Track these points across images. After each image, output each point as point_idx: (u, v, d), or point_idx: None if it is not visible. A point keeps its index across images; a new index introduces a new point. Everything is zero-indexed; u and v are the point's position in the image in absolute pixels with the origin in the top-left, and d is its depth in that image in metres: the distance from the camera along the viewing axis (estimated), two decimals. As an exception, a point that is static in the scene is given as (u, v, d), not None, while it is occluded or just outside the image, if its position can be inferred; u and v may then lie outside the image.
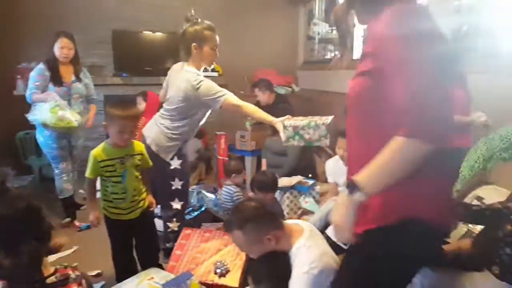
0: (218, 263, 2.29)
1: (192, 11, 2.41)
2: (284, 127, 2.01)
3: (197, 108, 2.41)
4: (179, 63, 2.51)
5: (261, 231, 1.60)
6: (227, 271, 2.25)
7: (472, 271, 1.98)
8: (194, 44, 2.35)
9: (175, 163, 2.48)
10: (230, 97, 2.31)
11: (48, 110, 2.92)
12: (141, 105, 3.76)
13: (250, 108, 2.35)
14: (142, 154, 2.23)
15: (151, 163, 2.31)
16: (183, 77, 2.33)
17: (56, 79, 3.11)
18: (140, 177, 2.23)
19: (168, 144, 2.44)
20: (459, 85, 2.65)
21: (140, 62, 4.74)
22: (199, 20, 2.39)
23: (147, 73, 4.71)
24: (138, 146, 2.23)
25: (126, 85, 4.65)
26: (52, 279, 1.34)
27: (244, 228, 1.62)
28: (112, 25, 4.63)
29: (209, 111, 2.55)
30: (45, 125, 2.99)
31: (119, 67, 4.69)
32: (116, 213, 2.19)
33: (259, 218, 1.60)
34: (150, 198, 2.36)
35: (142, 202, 2.26)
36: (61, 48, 3.11)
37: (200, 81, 2.29)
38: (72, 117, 2.99)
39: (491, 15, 3.39)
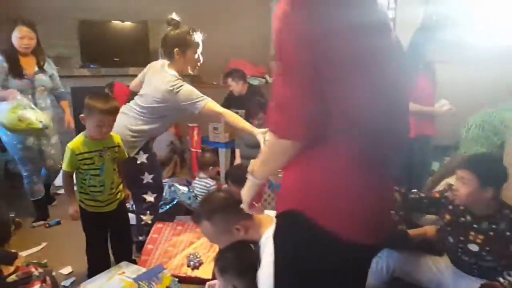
0: (191, 256, 2.29)
1: (174, 13, 2.35)
2: (265, 140, 2.00)
3: (172, 111, 2.36)
4: (160, 61, 2.43)
5: (230, 221, 1.59)
6: (200, 264, 2.24)
7: (436, 255, 2.04)
8: (176, 49, 2.29)
9: (142, 158, 2.44)
10: (210, 103, 2.27)
11: (7, 111, 2.66)
12: (109, 97, 3.66)
13: (231, 116, 2.31)
14: (119, 146, 2.21)
15: (126, 155, 2.29)
16: (162, 79, 2.28)
17: (16, 71, 2.87)
18: (116, 169, 2.21)
19: (132, 140, 2.37)
20: (424, 75, 2.71)
21: (108, 53, 4.62)
22: (180, 23, 2.33)
23: (116, 64, 4.60)
24: (116, 138, 2.21)
25: (94, 77, 4.52)
26: (13, 277, 1.30)
27: (212, 218, 1.60)
28: (77, 14, 4.48)
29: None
30: (4, 127, 2.75)
31: (86, 58, 4.56)
32: (93, 205, 2.15)
33: (227, 208, 1.58)
34: (125, 191, 2.34)
35: (119, 194, 2.24)
36: (20, 38, 2.86)
37: (180, 86, 2.24)
38: (33, 116, 2.71)
39: (457, 6, 3.47)
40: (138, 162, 2.43)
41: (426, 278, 2.00)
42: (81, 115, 2.05)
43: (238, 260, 1.52)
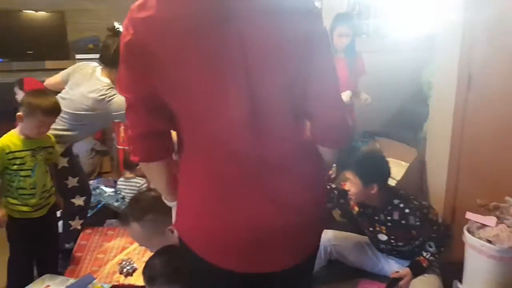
0: (124, 262, 2.20)
1: (116, 23, 2.17)
2: None
3: (100, 119, 2.25)
4: (90, 65, 2.28)
5: (162, 222, 1.48)
6: (134, 270, 2.16)
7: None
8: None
9: (62, 162, 2.29)
10: None
11: None
12: (19, 95, 3.31)
13: None
14: (53, 147, 2.10)
15: (58, 158, 2.20)
16: (93, 86, 2.15)
17: None
18: (48, 172, 2.11)
19: None
20: (340, 63, 2.74)
21: (20, 45, 4.20)
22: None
23: (29, 58, 4.21)
24: (50, 138, 2.10)
25: (4, 72, 4.11)
26: None
27: (142, 219, 1.50)
28: (-19, 2, 4.01)
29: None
30: None
31: (-5, 51, 4.12)
32: (22, 211, 2.00)
33: (159, 208, 1.48)
34: (57, 197, 2.21)
35: (50, 198, 2.12)
36: None
37: (113, 95, 2.12)
38: None
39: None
40: (59, 167, 2.28)
41: (362, 260, 2.10)
42: (18, 113, 1.92)
43: (168, 267, 1.42)
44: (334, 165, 2.48)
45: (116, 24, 2.19)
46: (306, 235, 1.03)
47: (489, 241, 1.79)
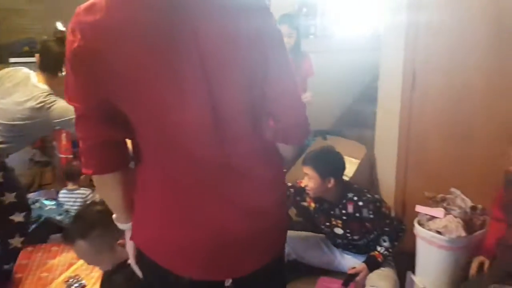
0: (71, 280, 2.10)
1: (59, 24, 1.99)
2: None
3: (40, 128, 2.10)
4: (22, 71, 2.10)
5: (111, 237, 1.41)
6: (83, 287, 2.03)
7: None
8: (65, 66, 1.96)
9: None
10: None
11: None
12: None
13: None
14: None
15: None
16: (30, 93, 1.99)
17: None
18: None
19: None
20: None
21: None
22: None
23: (-44, 63, 3.86)
24: None
25: None
26: None
27: (88, 236, 1.41)
28: None
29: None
30: None
31: None
32: None
33: (106, 222, 1.39)
34: None
35: None
36: None
37: (53, 101, 1.97)
38: None
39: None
40: None
41: (319, 258, 2.12)
42: None
43: (130, 281, 1.33)
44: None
45: (59, 26, 2.05)
46: (271, 236, 1.02)
47: (439, 232, 1.87)
